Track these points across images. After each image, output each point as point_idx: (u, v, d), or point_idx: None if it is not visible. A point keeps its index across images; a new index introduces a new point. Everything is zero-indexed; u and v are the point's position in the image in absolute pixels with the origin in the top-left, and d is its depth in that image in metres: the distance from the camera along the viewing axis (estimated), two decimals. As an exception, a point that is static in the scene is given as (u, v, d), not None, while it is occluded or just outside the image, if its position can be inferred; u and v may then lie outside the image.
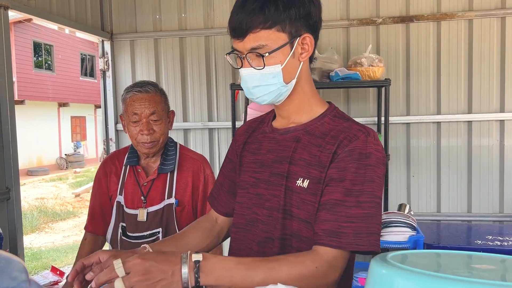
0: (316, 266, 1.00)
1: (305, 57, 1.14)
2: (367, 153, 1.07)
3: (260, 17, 1.07)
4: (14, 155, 2.53)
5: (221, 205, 1.36)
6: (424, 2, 3.15)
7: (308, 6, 1.10)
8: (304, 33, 1.11)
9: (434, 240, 2.68)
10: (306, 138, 1.15)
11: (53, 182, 13.53)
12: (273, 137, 1.22)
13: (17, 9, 2.59)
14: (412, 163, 3.25)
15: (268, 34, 1.08)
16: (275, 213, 1.15)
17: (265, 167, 1.19)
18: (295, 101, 1.17)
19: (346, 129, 1.12)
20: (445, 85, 3.17)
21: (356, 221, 1.03)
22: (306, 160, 1.12)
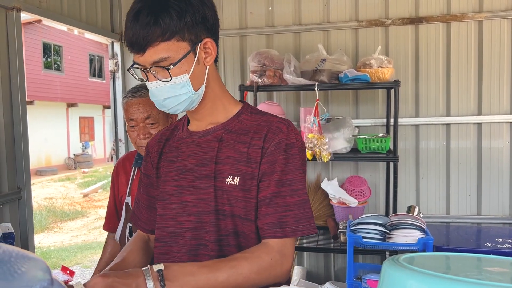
0: (270, 258, 1.05)
1: (210, 61, 1.14)
2: (291, 143, 1.13)
3: (157, 30, 1.04)
4: (26, 155, 2.56)
5: (144, 223, 1.32)
6: (434, 3, 3.14)
7: (202, 10, 1.09)
8: (204, 37, 1.11)
9: (443, 243, 2.67)
10: (229, 136, 1.16)
11: (62, 182, 13.64)
12: (192, 141, 1.21)
13: (29, 11, 2.61)
14: (421, 165, 3.24)
15: (168, 46, 1.06)
16: (205, 217, 1.14)
17: (188, 173, 1.18)
18: (208, 104, 1.18)
19: (267, 122, 1.16)
20: (454, 87, 3.15)
21: (295, 208, 1.09)
22: (234, 158, 1.13)
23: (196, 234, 1.15)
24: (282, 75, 2.88)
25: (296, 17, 3.34)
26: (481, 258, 0.80)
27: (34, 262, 0.41)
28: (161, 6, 1.04)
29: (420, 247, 2.41)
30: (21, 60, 2.53)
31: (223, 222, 1.13)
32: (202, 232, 1.14)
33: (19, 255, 0.41)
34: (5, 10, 2.45)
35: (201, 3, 1.10)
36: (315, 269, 3.44)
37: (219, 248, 1.13)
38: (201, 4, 1.09)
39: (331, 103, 3.32)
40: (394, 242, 2.46)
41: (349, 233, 2.54)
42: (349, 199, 2.97)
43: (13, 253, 0.42)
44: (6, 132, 2.46)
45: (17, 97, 2.50)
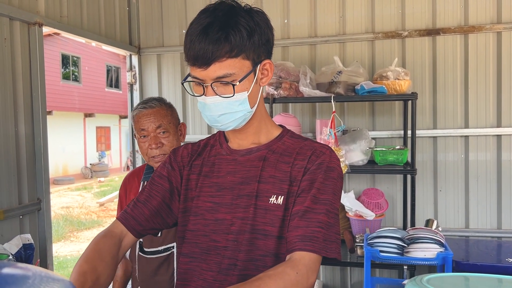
0: (296, 272, 1.01)
1: (265, 82, 1.16)
2: (332, 167, 1.13)
3: (226, 46, 1.05)
4: (46, 167, 2.61)
5: (137, 222, 1.20)
6: (451, 14, 3.12)
7: (267, 33, 1.12)
8: (265, 59, 1.13)
9: (462, 257, 2.62)
10: (273, 156, 1.17)
11: (78, 191, 13.80)
12: (233, 159, 1.20)
13: (51, 26, 2.68)
14: (439, 178, 3.19)
15: (234, 63, 1.07)
16: (241, 236, 1.12)
17: (226, 190, 1.16)
18: (254, 123, 1.19)
19: (310, 147, 1.17)
20: (473, 99, 3.12)
21: (325, 227, 1.07)
22: (277, 177, 1.13)
23: (230, 253, 1.12)
24: (298, 87, 2.88)
25: (311, 29, 3.35)
26: (502, 279, 0.78)
27: (62, 283, 0.42)
28: (231, 23, 1.06)
29: (439, 262, 2.37)
30: (42, 74, 2.59)
31: (262, 242, 1.11)
32: (236, 252, 1.12)
33: (47, 277, 0.42)
34: (28, 25, 2.52)
35: (266, 25, 1.12)
36: (331, 283, 3.41)
37: (254, 267, 1.10)
38: (266, 26, 1.12)
39: (347, 114, 3.31)
40: (412, 257, 2.43)
41: (367, 247, 2.51)
42: (365, 212, 2.94)
43: (42, 275, 0.43)
44: (27, 143, 2.52)
45: (38, 109, 2.55)
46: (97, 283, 1.03)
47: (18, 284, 0.40)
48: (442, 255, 2.36)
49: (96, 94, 17.92)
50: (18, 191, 2.46)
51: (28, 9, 2.52)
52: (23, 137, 2.49)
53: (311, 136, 3.36)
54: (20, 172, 2.47)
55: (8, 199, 2.38)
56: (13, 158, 2.42)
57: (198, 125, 3.62)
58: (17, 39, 2.45)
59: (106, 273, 1.07)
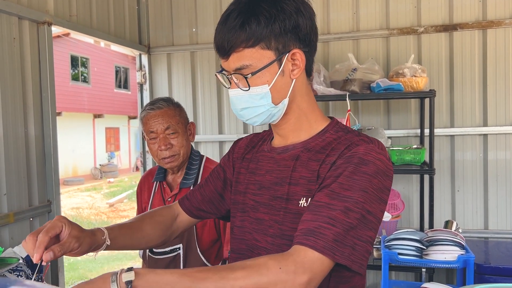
0: (280, 267, 0.86)
1: (297, 74, 1.03)
2: (366, 160, 0.96)
3: (242, 35, 0.98)
4: (55, 168, 2.57)
5: (191, 203, 1.29)
6: (469, 9, 3.03)
7: (295, 18, 1.00)
8: (294, 48, 1.02)
9: (484, 260, 2.54)
10: (306, 155, 1.05)
11: (88, 192, 13.84)
12: (271, 157, 1.12)
13: (60, 25, 2.64)
14: (457, 177, 3.10)
15: (252, 53, 0.99)
16: (278, 240, 1.03)
17: (264, 189, 1.10)
18: (291, 120, 1.09)
19: (347, 140, 1.03)
20: (491, 96, 3.02)
21: (339, 226, 0.90)
22: (306, 178, 1.02)
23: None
24: (312, 85, 2.81)
25: (324, 26, 3.28)
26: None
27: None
28: (251, 10, 0.98)
29: (460, 265, 2.29)
30: (51, 74, 2.55)
31: (288, 248, 0.97)
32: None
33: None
34: (37, 25, 2.48)
35: (295, 10, 1.00)
36: (345, 285, 3.33)
37: None
38: (295, 11, 1.00)
39: (361, 113, 3.23)
40: (432, 259, 2.35)
41: (384, 249, 2.44)
42: (381, 213, 2.86)
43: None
44: (37, 145, 2.48)
45: (47, 110, 2.51)
46: (136, 229, 1.18)
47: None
48: (464, 257, 2.28)
49: (105, 95, 17.99)
50: (28, 193, 2.42)
51: (37, 8, 2.48)
52: (33, 138, 2.45)
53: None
54: (30, 174, 2.44)
55: (18, 201, 2.35)
56: (23, 160, 2.38)
57: (209, 125, 3.56)
58: (26, 39, 2.41)
59: (150, 232, 1.21)
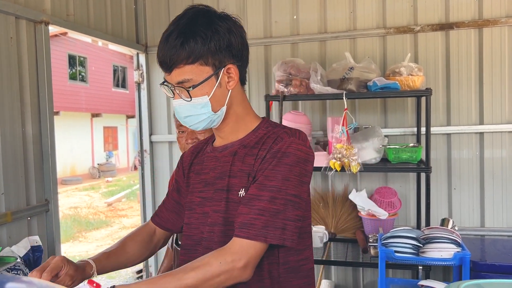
0: (220, 262, 1.08)
1: (233, 85, 1.20)
2: (287, 152, 1.15)
3: (182, 53, 1.13)
4: (53, 167, 2.57)
5: (160, 218, 1.42)
6: (465, 8, 3.04)
7: (228, 37, 1.16)
8: (228, 63, 1.18)
9: (480, 258, 2.55)
10: (243, 151, 1.22)
11: (86, 191, 13.83)
12: (214, 156, 1.28)
13: (57, 24, 2.64)
14: (454, 176, 3.12)
15: (192, 69, 1.15)
16: (216, 228, 1.19)
17: (209, 186, 1.25)
18: (230, 124, 1.25)
19: (274, 134, 1.20)
20: (488, 94, 3.04)
21: (267, 215, 1.11)
22: (244, 171, 1.19)
23: (209, 244, 1.21)
24: (309, 84, 2.82)
25: (321, 25, 3.29)
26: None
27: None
28: (189, 32, 1.13)
29: (457, 262, 2.30)
30: (49, 73, 2.55)
31: (234, 233, 1.16)
32: (212, 243, 1.20)
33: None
34: (34, 24, 2.49)
35: (227, 30, 1.17)
36: (343, 283, 3.35)
37: None
38: (227, 32, 1.16)
39: (358, 112, 3.25)
40: (428, 257, 2.36)
41: (381, 247, 2.45)
42: (378, 211, 2.88)
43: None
44: (34, 144, 2.48)
45: (45, 109, 2.52)
46: (122, 254, 1.32)
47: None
48: (460, 255, 2.29)
49: (103, 94, 17.95)
50: (26, 193, 2.43)
51: (34, 7, 2.49)
52: (31, 137, 2.46)
53: (321, 134, 3.30)
54: (27, 173, 2.44)
55: (16, 200, 2.35)
56: (21, 159, 2.39)
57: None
58: (24, 38, 2.41)
59: (134, 252, 1.35)
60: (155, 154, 3.68)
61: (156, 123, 3.67)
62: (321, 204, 3.22)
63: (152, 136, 3.66)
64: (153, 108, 3.65)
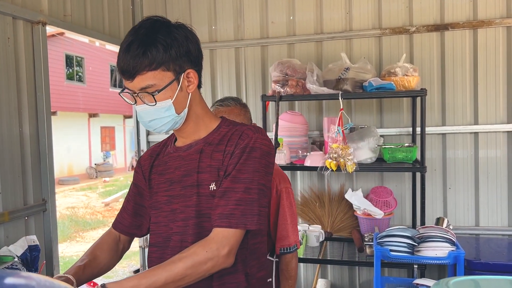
0: (206, 251, 1.17)
1: (192, 89, 1.29)
2: (254, 147, 1.25)
3: (145, 61, 1.19)
4: (50, 166, 2.58)
5: (123, 225, 1.45)
6: (460, 9, 3.07)
7: (186, 45, 1.25)
8: (187, 68, 1.26)
9: (474, 256, 2.58)
10: (209, 148, 1.30)
11: (83, 191, 13.81)
12: (178, 155, 1.34)
13: (54, 25, 2.65)
14: (449, 175, 3.15)
15: (155, 75, 1.21)
16: (190, 221, 1.26)
17: (176, 184, 1.31)
18: (190, 124, 1.32)
19: (238, 131, 1.30)
20: (482, 95, 3.06)
21: (244, 204, 1.21)
22: (213, 166, 1.27)
23: (183, 237, 1.27)
24: (305, 85, 2.84)
25: (318, 25, 3.31)
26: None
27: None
28: (150, 40, 1.20)
29: (451, 261, 2.33)
30: (46, 73, 2.56)
31: (208, 224, 1.24)
32: (186, 235, 1.26)
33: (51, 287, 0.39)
34: (31, 24, 2.50)
35: (185, 38, 1.25)
36: (339, 282, 3.37)
37: None
38: (185, 39, 1.24)
39: (354, 112, 3.27)
40: (423, 256, 2.39)
41: (376, 246, 2.47)
42: (374, 211, 2.90)
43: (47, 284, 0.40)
44: (31, 144, 2.49)
45: (42, 109, 2.53)
46: (95, 265, 1.34)
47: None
48: (454, 254, 2.32)
49: (100, 94, 17.93)
50: (23, 192, 2.44)
51: (31, 7, 2.49)
52: (28, 137, 2.47)
53: (317, 134, 3.32)
54: (25, 173, 2.45)
55: (13, 200, 2.36)
56: (18, 159, 2.40)
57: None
58: (21, 39, 2.42)
59: (106, 261, 1.38)
60: (152, 154, 3.69)
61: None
62: (317, 203, 3.24)
63: (149, 136, 3.67)
64: (150, 108, 3.66)
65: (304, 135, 3.08)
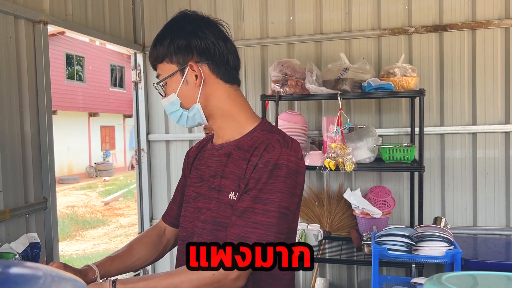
0: (213, 274, 1.10)
1: (199, 82, 1.23)
2: (280, 164, 1.15)
3: (154, 53, 1.27)
4: (51, 165, 2.60)
5: (170, 216, 1.46)
6: (458, 10, 3.09)
7: (188, 39, 1.23)
8: (191, 61, 1.23)
9: (471, 255, 2.59)
10: (236, 153, 1.23)
11: (83, 190, 13.83)
12: (211, 153, 1.32)
13: (56, 24, 2.67)
14: (447, 175, 3.16)
15: (162, 66, 1.26)
16: (208, 225, 1.22)
17: (204, 182, 1.29)
18: (218, 121, 1.28)
19: (266, 140, 1.20)
20: (481, 95, 3.08)
21: (261, 228, 1.12)
22: (236, 174, 1.20)
23: (199, 240, 1.24)
24: (304, 85, 2.86)
25: (317, 26, 3.33)
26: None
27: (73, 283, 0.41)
28: (162, 35, 1.26)
29: (448, 260, 2.35)
30: (47, 73, 2.58)
31: (223, 234, 1.18)
32: (204, 239, 1.23)
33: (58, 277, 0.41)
34: (33, 24, 2.51)
35: (192, 33, 1.23)
36: (337, 281, 3.39)
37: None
38: (191, 34, 1.23)
39: (353, 112, 3.29)
40: (420, 255, 2.40)
41: (374, 245, 2.49)
42: (373, 210, 2.92)
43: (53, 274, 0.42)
44: (32, 142, 2.51)
45: (43, 108, 2.55)
46: (128, 258, 1.35)
47: (29, 285, 0.39)
48: (451, 253, 2.34)
49: (101, 94, 17.95)
50: (24, 190, 2.45)
51: (32, 7, 2.51)
52: (29, 136, 2.48)
53: (316, 134, 3.34)
54: (26, 171, 2.47)
55: (14, 198, 2.38)
56: (19, 157, 2.41)
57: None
58: (22, 38, 2.44)
59: (141, 255, 1.38)
60: (153, 153, 3.72)
61: (153, 122, 3.70)
62: (316, 202, 3.26)
63: (149, 135, 3.69)
64: (150, 108, 3.68)
65: (303, 135, 3.09)
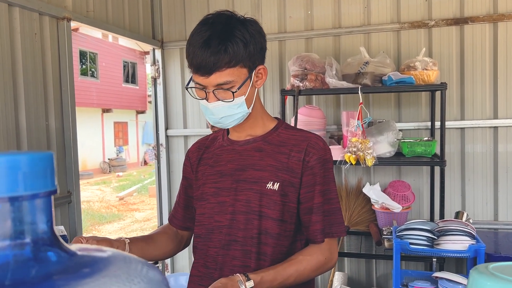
0: (325, 257, 1.30)
1: (260, 84, 1.31)
2: (328, 158, 1.32)
3: (226, 58, 1.18)
4: (75, 160, 2.65)
5: (178, 220, 1.50)
6: (480, 3, 3.05)
7: (260, 41, 1.26)
8: (259, 64, 1.27)
9: (494, 250, 2.58)
10: (269, 147, 1.32)
11: (98, 185, 13.99)
12: (232, 149, 1.36)
13: (78, 20, 2.71)
14: (467, 169, 3.14)
15: (233, 71, 1.21)
16: (239, 216, 1.28)
17: (227, 176, 1.33)
18: (250, 119, 1.33)
19: (305, 138, 1.33)
20: (502, 89, 3.05)
21: (331, 214, 1.31)
22: (274, 166, 1.29)
23: (230, 231, 1.29)
24: (324, 79, 2.86)
25: (336, 20, 3.32)
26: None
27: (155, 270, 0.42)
28: (229, 36, 1.19)
29: (471, 255, 2.34)
30: (71, 68, 2.62)
31: (257, 222, 1.27)
32: (235, 229, 1.28)
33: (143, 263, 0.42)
34: (56, 20, 2.55)
35: (260, 34, 1.26)
36: (356, 275, 3.39)
37: (252, 243, 1.28)
38: (260, 35, 1.26)
39: (372, 106, 3.27)
40: (443, 249, 2.40)
41: (396, 239, 2.49)
42: (392, 204, 2.91)
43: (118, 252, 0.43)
44: (57, 137, 2.55)
45: (67, 103, 2.59)
46: (152, 245, 1.39)
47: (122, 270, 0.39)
48: (474, 247, 2.33)
49: (114, 90, 18.08)
50: (50, 184, 2.49)
51: (56, 4, 2.55)
52: (54, 131, 2.53)
53: (335, 128, 3.33)
54: (51, 166, 2.50)
55: (40, 192, 2.42)
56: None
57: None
58: (47, 34, 2.48)
59: (163, 243, 1.43)
60: (171, 148, 3.75)
61: (171, 117, 3.73)
62: (335, 197, 3.26)
63: (168, 130, 3.72)
64: (169, 103, 3.71)
65: (322, 129, 3.09)
